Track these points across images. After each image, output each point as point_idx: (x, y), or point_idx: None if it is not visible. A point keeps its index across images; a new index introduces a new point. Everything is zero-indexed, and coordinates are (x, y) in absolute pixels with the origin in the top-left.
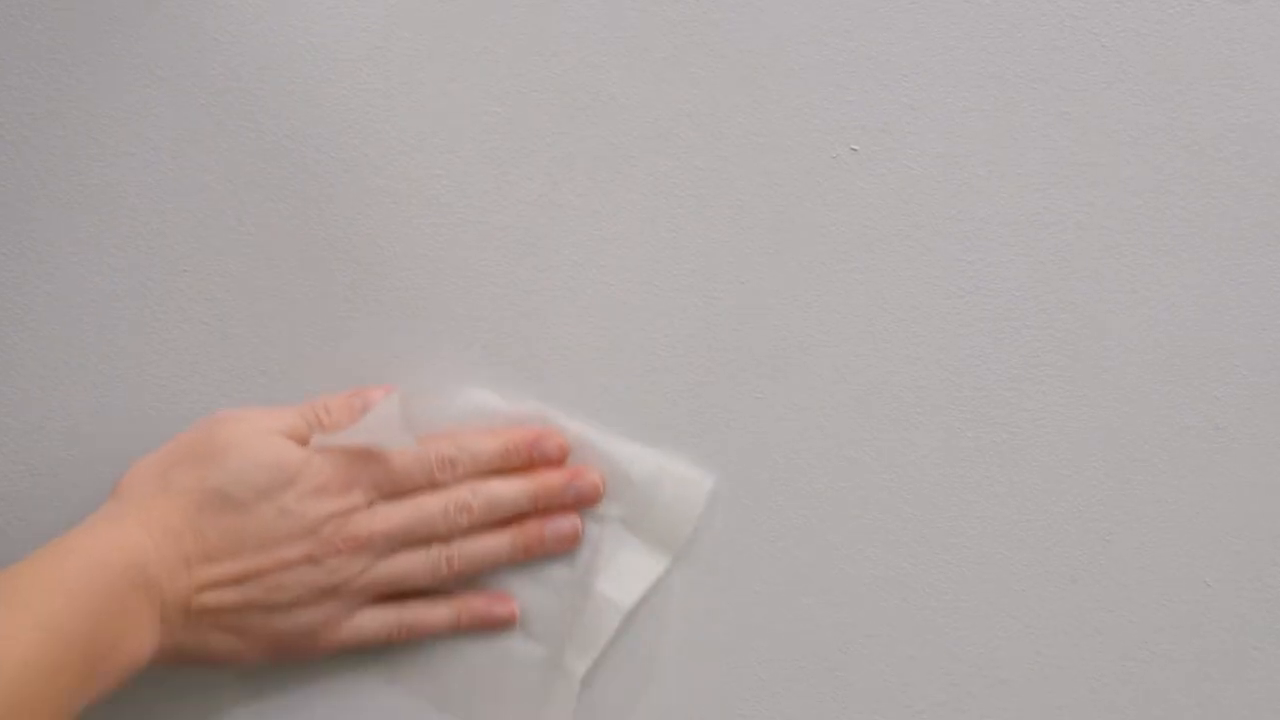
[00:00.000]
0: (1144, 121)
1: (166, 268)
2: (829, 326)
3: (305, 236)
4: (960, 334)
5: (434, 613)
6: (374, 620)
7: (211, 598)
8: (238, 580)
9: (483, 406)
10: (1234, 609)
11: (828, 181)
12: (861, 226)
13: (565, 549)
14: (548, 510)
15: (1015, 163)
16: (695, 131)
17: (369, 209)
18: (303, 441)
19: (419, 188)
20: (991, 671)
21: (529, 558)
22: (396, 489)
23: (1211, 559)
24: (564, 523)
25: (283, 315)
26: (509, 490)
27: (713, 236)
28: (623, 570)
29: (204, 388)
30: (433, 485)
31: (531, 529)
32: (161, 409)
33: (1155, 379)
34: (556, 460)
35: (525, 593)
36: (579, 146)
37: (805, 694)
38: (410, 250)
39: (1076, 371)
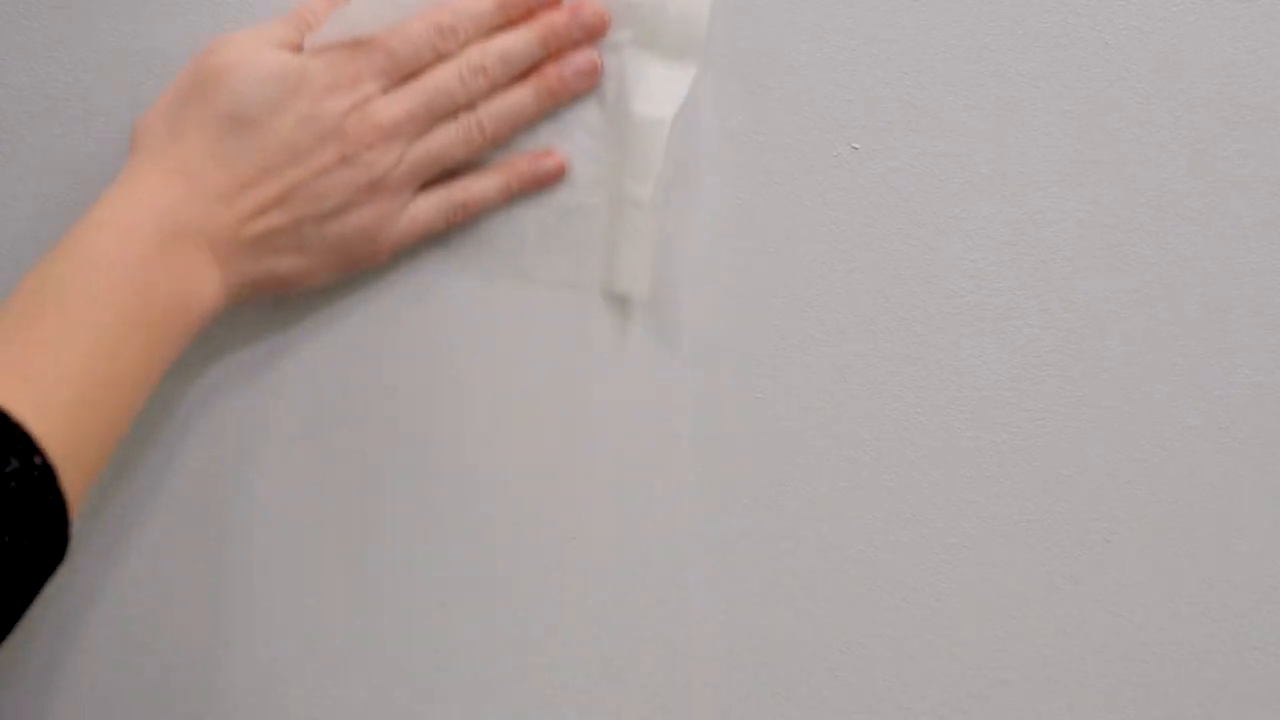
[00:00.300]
0: (1147, 120)
1: None
2: (829, 326)
3: None
4: (961, 333)
5: (483, 183)
6: (427, 206)
7: (261, 224)
8: (279, 200)
9: None
10: (1236, 610)
11: (829, 180)
12: (863, 225)
13: (588, 85)
14: (560, 52)
15: (1017, 161)
16: (695, 130)
17: None
18: (297, 49)
19: None
20: (992, 672)
21: (556, 102)
22: (405, 70)
23: (1214, 560)
24: (580, 58)
25: None
26: (517, 41)
27: (713, 235)
28: (653, 87)
29: None
30: (439, 57)
31: (550, 72)
32: None
33: (1158, 378)
34: (555, 1)
35: (565, 145)
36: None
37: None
38: None
39: (1078, 371)
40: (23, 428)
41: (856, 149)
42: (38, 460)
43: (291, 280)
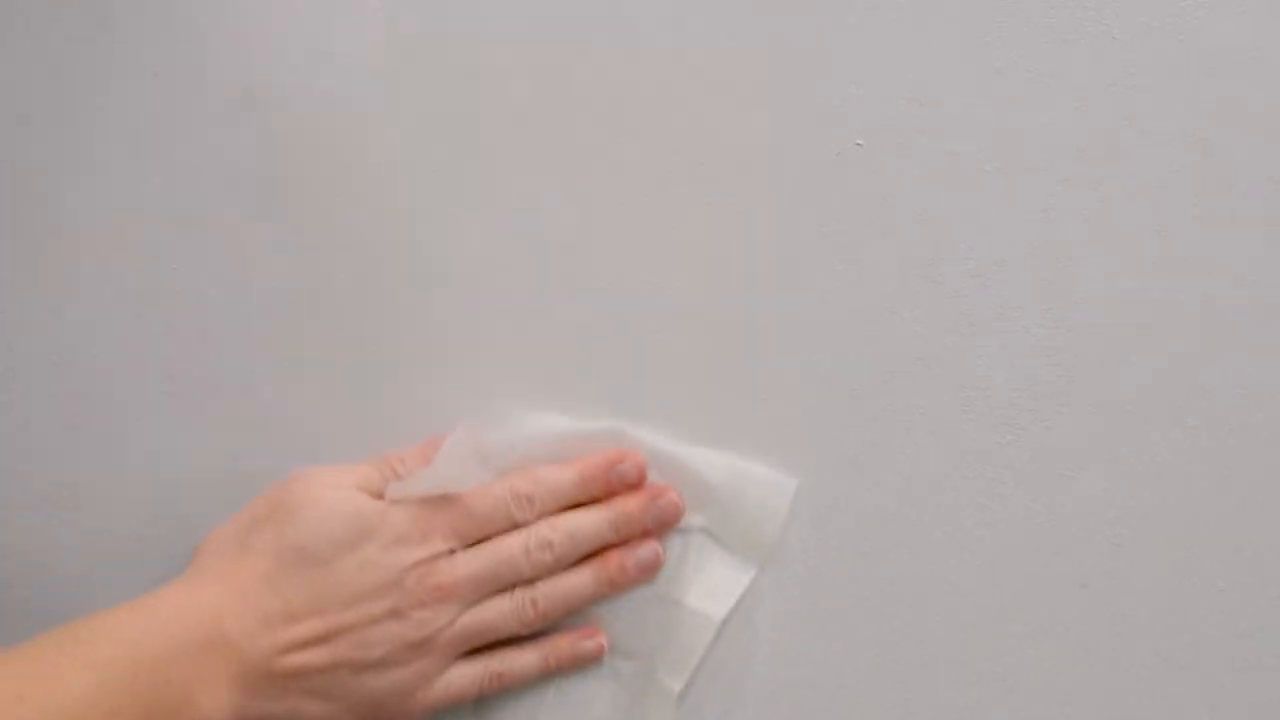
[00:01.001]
0: (1154, 117)
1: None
2: (833, 324)
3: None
4: (966, 332)
5: (523, 658)
6: (465, 674)
7: (297, 659)
8: (323, 639)
9: (552, 430)
10: (1246, 614)
11: (833, 177)
12: (867, 222)
13: (648, 577)
14: (629, 537)
15: (1022, 158)
16: (698, 127)
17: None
18: (377, 495)
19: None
20: (999, 680)
21: (613, 591)
22: (476, 532)
23: (1224, 563)
24: (645, 551)
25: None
26: (589, 522)
27: (717, 233)
28: (712, 582)
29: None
30: (511, 525)
31: (613, 561)
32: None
33: (1166, 378)
34: (635, 482)
35: (609, 617)
36: (581, 145)
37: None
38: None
39: (1085, 370)
40: None
41: (861, 145)
42: None
43: None
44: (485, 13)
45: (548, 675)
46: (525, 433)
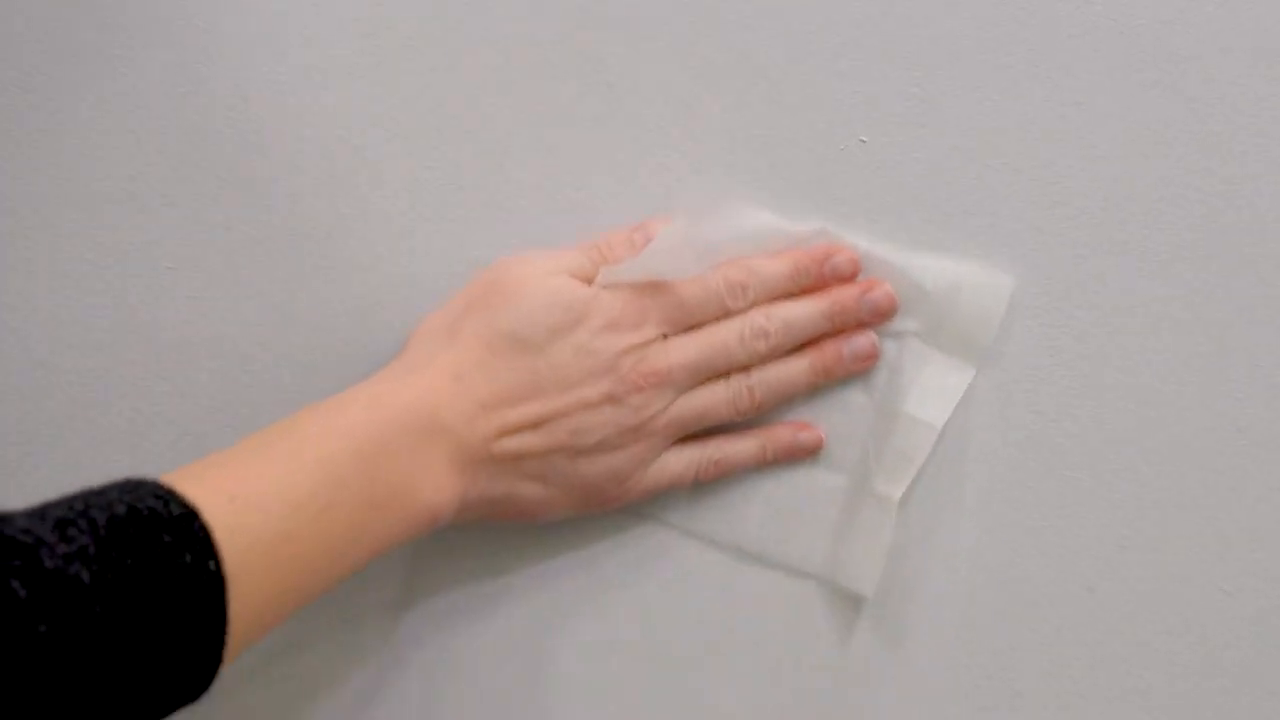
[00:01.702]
0: (1162, 112)
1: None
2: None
3: None
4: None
5: (739, 446)
6: (680, 459)
7: (513, 443)
8: (538, 423)
9: (765, 227)
10: (1253, 617)
11: (836, 174)
12: (870, 219)
13: (864, 368)
14: (843, 329)
15: (1026, 155)
16: (701, 124)
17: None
18: (588, 281)
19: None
20: (1006, 684)
21: (829, 380)
22: (688, 320)
23: (1231, 566)
24: (861, 340)
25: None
26: (803, 311)
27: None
28: (928, 387)
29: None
30: (724, 313)
31: (829, 349)
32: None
33: (1173, 379)
34: (848, 275)
35: (824, 425)
36: (581, 143)
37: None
38: None
39: (1091, 371)
40: (208, 531)
41: (865, 142)
42: (211, 565)
43: (528, 509)
44: (482, 10)
45: (763, 465)
46: (738, 227)
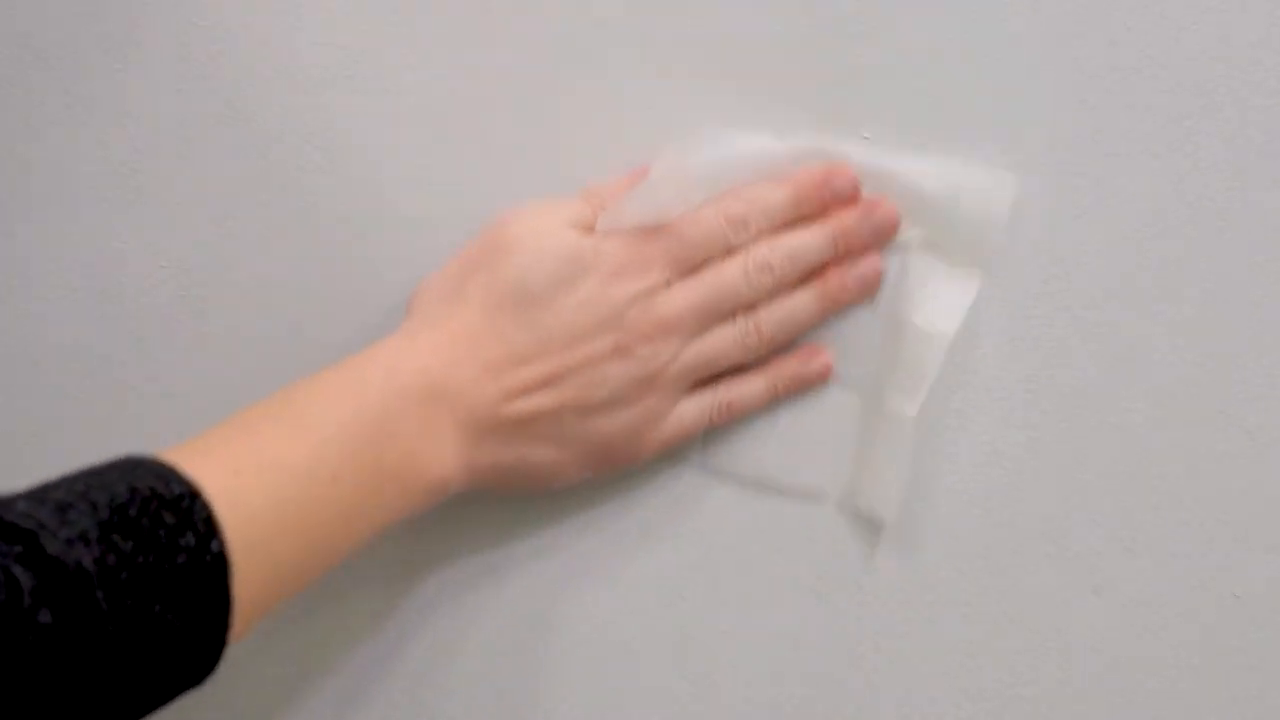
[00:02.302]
0: (1171, 110)
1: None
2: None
3: None
4: (974, 332)
5: (749, 386)
6: (693, 407)
7: (523, 404)
8: (548, 381)
9: (759, 151)
10: (1262, 622)
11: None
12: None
13: (871, 292)
14: (848, 253)
15: (1032, 153)
16: (703, 122)
17: None
18: (590, 229)
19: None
20: (1011, 688)
21: (836, 308)
22: (693, 259)
23: (1239, 570)
24: (865, 264)
25: None
26: (807, 239)
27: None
28: (936, 297)
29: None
30: (727, 249)
31: (833, 278)
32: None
33: (1182, 380)
34: (850, 197)
35: (834, 345)
36: (580, 145)
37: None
38: None
39: (1098, 371)
40: (210, 510)
41: (868, 139)
42: (214, 546)
43: (540, 473)
44: (483, 13)
45: (775, 401)
46: (732, 154)
